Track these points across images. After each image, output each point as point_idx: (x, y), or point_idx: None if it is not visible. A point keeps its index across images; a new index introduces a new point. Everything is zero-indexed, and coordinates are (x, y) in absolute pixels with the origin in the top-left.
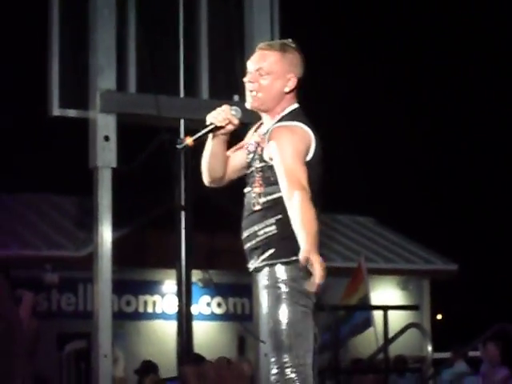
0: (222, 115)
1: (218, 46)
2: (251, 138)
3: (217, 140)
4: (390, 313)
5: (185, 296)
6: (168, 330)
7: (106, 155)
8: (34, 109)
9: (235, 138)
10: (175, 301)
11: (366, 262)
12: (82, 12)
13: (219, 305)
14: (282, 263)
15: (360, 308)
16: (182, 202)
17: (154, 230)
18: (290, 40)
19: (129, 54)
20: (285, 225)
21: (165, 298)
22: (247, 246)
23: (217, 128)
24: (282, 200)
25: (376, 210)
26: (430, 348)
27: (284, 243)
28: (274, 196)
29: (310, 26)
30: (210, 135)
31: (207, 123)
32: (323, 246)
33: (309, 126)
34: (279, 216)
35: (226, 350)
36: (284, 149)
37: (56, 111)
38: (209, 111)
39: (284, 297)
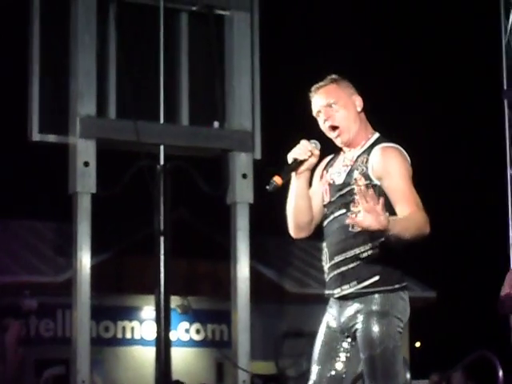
0: (303, 149)
1: (198, 72)
2: (330, 168)
3: (301, 179)
4: None
5: (163, 322)
6: (146, 356)
7: (85, 181)
8: (13, 134)
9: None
10: (154, 327)
11: None
12: (63, 37)
13: (198, 331)
14: (385, 291)
15: None
16: (161, 228)
17: (133, 255)
18: (332, 74)
19: (109, 80)
20: (387, 247)
21: (143, 324)
22: (342, 269)
23: (300, 163)
24: None
25: None
26: (408, 375)
27: (387, 268)
28: None
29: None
30: (294, 177)
31: (289, 161)
32: (307, 274)
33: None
34: (382, 239)
35: (204, 376)
36: (398, 170)
37: (36, 136)
38: (189, 137)
39: (392, 325)
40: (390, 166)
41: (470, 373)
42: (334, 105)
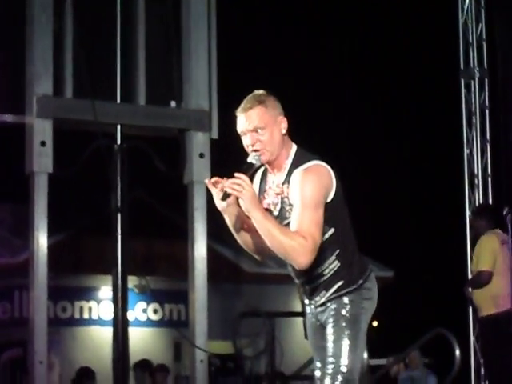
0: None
1: (155, 52)
2: (265, 193)
3: (229, 216)
4: None
5: (121, 302)
6: (104, 336)
7: (42, 161)
8: None
9: None
10: (111, 307)
11: None
12: (19, 18)
13: (155, 311)
14: (351, 291)
15: (298, 314)
16: (118, 207)
17: (90, 236)
18: (259, 90)
19: (66, 59)
20: (345, 255)
21: (101, 304)
22: (311, 285)
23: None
24: (334, 235)
25: None
26: (365, 355)
27: (349, 271)
28: (326, 236)
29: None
30: (224, 215)
31: (223, 194)
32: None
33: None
34: (337, 251)
35: (162, 356)
36: (305, 197)
37: None
38: (146, 117)
39: (355, 319)
40: (299, 193)
41: (426, 351)
42: (259, 130)
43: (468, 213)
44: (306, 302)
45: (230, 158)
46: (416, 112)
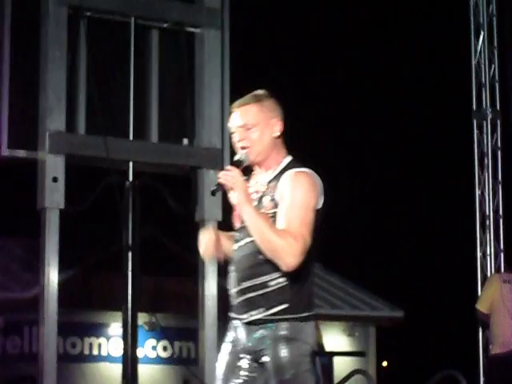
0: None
1: (168, 89)
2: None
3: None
4: (336, 359)
5: (130, 339)
6: (113, 372)
7: (54, 196)
8: None
9: None
10: (121, 343)
11: None
12: (33, 52)
13: (165, 348)
14: (296, 319)
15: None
16: (129, 244)
17: (101, 271)
18: (260, 90)
19: (79, 95)
20: (300, 274)
21: (110, 341)
22: (250, 295)
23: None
24: None
25: (323, 256)
26: None
27: (298, 296)
28: None
29: (261, 69)
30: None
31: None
32: None
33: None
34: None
35: None
36: (296, 197)
37: (5, 151)
38: (158, 154)
39: (301, 350)
40: (290, 192)
41: None
42: (250, 127)
43: (479, 254)
44: (239, 316)
45: None
46: (429, 152)
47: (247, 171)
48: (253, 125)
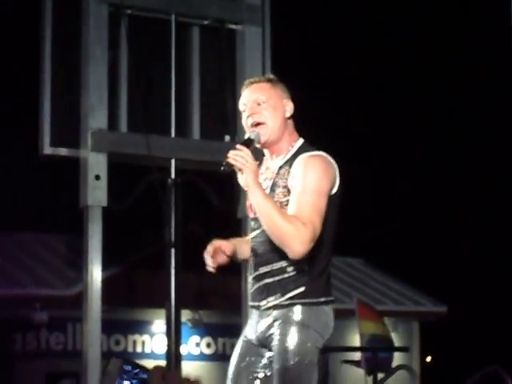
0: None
1: (209, 86)
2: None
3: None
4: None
5: (174, 336)
6: None
7: (96, 194)
8: (24, 147)
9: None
10: (164, 341)
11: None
12: (74, 50)
13: (208, 345)
14: (312, 304)
15: (353, 349)
16: (172, 241)
17: (144, 269)
18: (270, 75)
19: (120, 93)
20: (317, 260)
21: (154, 338)
22: (267, 281)
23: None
24: None
25: (366, 251)
26: None
27: (315, 284)
28: None
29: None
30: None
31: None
32: None
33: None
34: (312, 251)
35: None
36: (307, 183)
37: (47, 150)
38: (200, 151)
39: (311, 339)
40: (302, 177)
41: None
42: (262, 103)
43: None
44: (257, 304)
45: None
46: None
47: (258, 155)
48: (265, 100)
